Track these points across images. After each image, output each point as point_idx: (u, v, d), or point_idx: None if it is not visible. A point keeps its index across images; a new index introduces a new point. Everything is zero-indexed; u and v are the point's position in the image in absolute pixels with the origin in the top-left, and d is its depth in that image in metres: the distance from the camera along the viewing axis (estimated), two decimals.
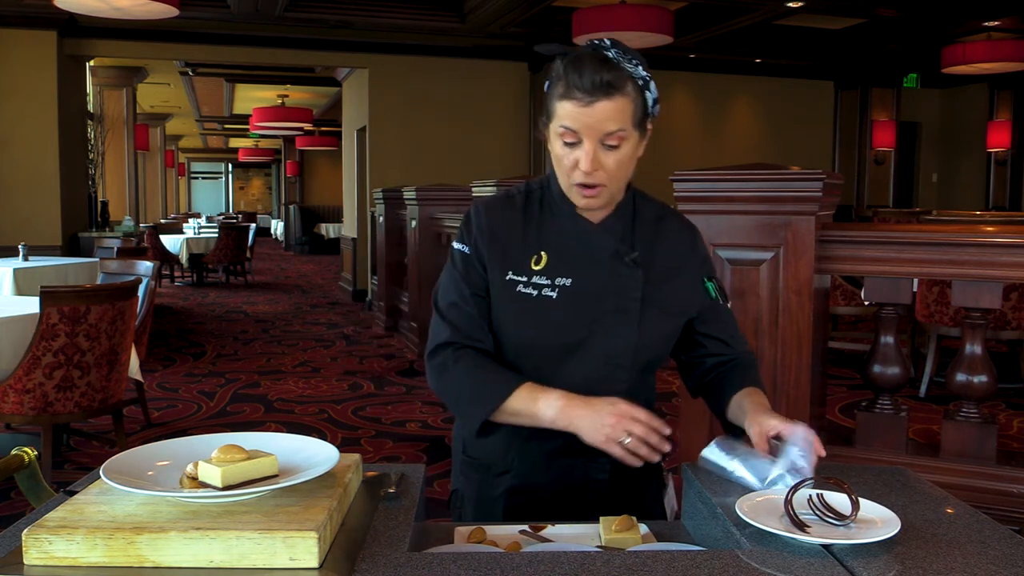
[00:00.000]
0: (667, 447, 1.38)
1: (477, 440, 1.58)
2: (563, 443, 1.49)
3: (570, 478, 1.55)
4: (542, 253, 1.52)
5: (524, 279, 1.50)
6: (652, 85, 1.47)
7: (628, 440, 1.36)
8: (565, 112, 1.42)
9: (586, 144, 1.42)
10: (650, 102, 1.47)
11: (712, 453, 1.41)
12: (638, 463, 1.38)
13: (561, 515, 1.50)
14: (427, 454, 4.37)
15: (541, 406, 1.43)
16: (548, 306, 1.49)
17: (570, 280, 1.50)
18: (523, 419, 1.46)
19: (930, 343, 5.35)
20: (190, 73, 12.42)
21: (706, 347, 1.61)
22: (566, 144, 1.44)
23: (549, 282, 1.50)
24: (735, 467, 1.37)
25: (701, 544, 1.31)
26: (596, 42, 1.45)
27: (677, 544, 1.28)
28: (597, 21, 6.90)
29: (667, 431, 1.39)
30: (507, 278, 1.51)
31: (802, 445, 1.33)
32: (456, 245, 1.57)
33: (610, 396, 1.49)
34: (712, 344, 1.60)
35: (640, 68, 1.44)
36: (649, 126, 1.49)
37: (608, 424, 1.37)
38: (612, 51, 1.43)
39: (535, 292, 1.50)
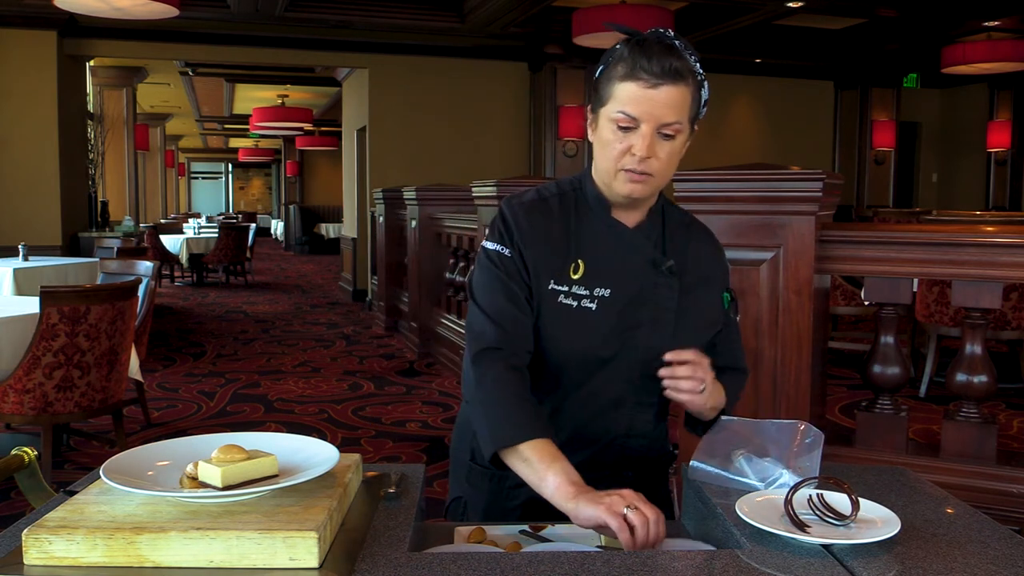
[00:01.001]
0: (662, 539, 1.19)
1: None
2: (590, 455, 1.46)
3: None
4: (579, 262, 1.47)
5: (565, 289, 1.46)
6: (706, 84, 1.45)
7: (629, 511, 1.18)
8: (627, 94, 1.38)
9: (644, 128, 1.38)
10: (702, 101, 1.45)
11: (701, 460, 1.40)
12: (632, 546, 1.17)
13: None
14: (427, 454, 4.37)
15: (549, 473, 1.29)
16: (588, 318, 1.45)
17: (608, 291, 1.46)
18: (525, 471, 1.33)
19: (930, 343, 5.35)
20: (190, 73, 12.42)
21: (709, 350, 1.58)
22: (620, 128, 1.40)
23: (588, 292, 1.46)
24: (733, 469, 1.36)
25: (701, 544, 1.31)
26: (661, 31, 1.42)
27: (685, 541, 1.28)
28: (597, 21, 6.91)
29: (662, 540, 1.20)
30: (549, 287, 1.46)
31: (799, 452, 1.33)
32: (493, 246, 1.49)
33: (643, 408, 1.51)
34: (714, 351, 1.57)
35: (698, 64, 1.43)
36: (695, 127, 1.47)
37: (613, 499, 1.20)
38: (677, 41, 1.41)
39: (575, 303, 1.45)
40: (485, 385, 1.41)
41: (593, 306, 1.45)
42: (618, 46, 1.42)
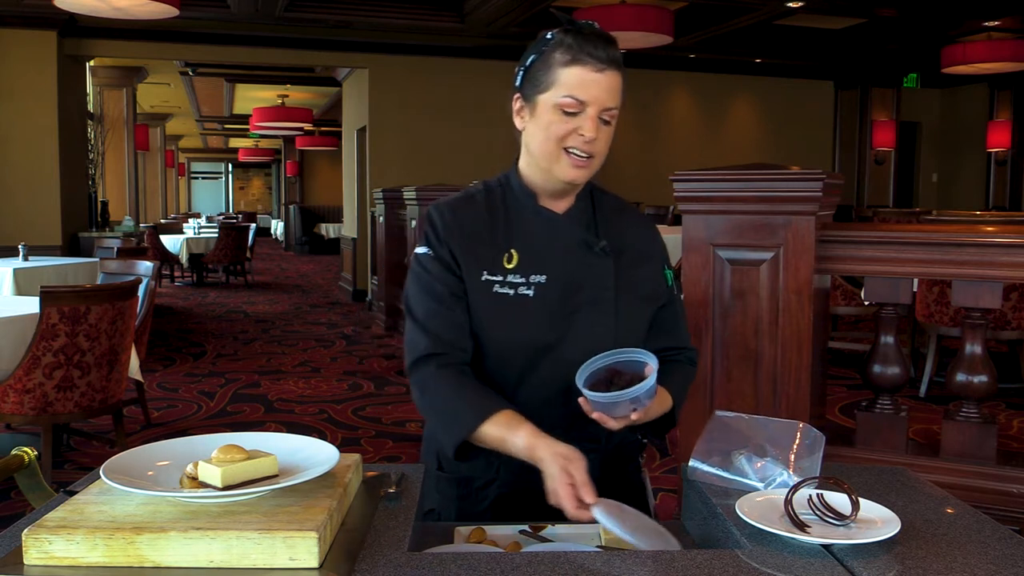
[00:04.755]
0: (585, 513, 1.27)
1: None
2: None
3: None
4: (512, 251, 1.49)
5: (499, 278, 1.47)
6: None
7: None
8: (574, 79, 1.41)
9: (590, 111, 1.41)
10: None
11: (701, 460, 1.40)
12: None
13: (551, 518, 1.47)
14: None
15: (519, 442, 1.36)
16: (526, 305, 1.46)
17: (544, 276, 1.47)
18: (495, 446, 1.40)
19: (930, 343, 5.35)
20: (190, 73, 12.42)
21: (650, 331, 1.58)
22: (565, 113, 1.42)
23: (524, 280, 1.47)
24: (733, 469, 1.36)
25: (701, 544, 1.31)
26: (589, 22, 1.47)
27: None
28: (597, 21, 6.89)
29: (589, 499, 1.26)
30: (483, 279, 1.48)
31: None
32: (422, 250, 1.52)
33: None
34: (656, 332, 1.58)
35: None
36: None
37: (553, 476, 1.29)
38: (611, 35, 1.47)
39: (511, 291, 1.47)
40: (428, 392, 1.46)
41: (531, 293, 1.46)
42: (551, 34, 1.45)
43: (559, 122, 1.43)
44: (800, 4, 8.02)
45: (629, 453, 1.65)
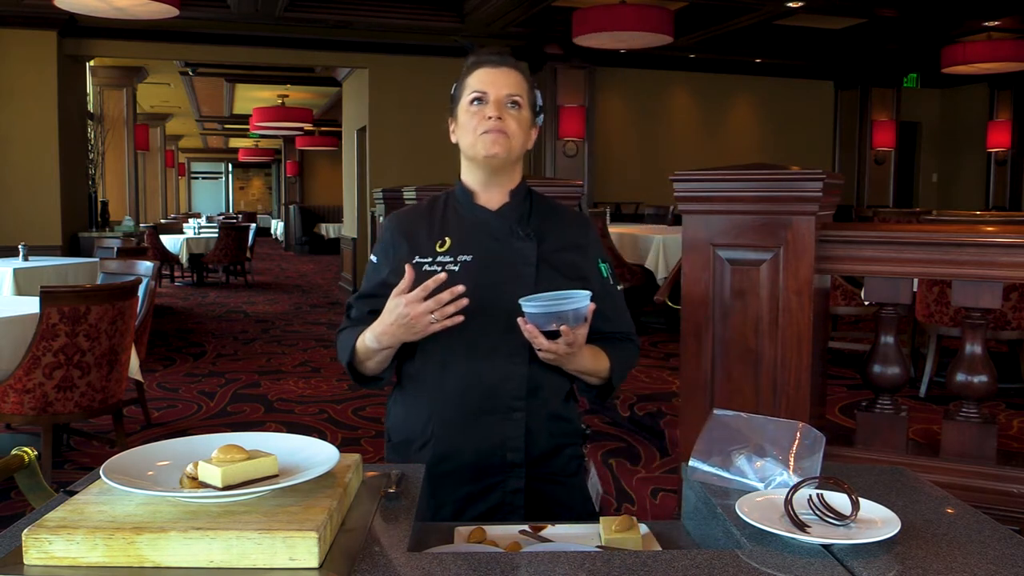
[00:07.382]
0: (464, 302, 1.51)
1: (394, 420, 1.83)
2: (479, 405, 1.65)
3: (489, 438, 1.66)
4: (446, 238, 1.70)
5: (429, 260, 1.68)
6: (538, 94, 1.77)
7: (435, 321, 1.52)
8: (476, 79, 1.70)
9: (493, 96, 1.66)
10: (537, 103, 1.75)
11: (700, 460, 1.40)
12: (460, 319, 1.52)
13: (482, 480, 1.64)
14: None
15: (368, 338, 1.63)
16: (450, 278, 1.58)
17: (471, 256, 1.67)
18: (371, 355, 1.66)
19: (930, 343, 5.34)
20: (190, 73, 12.42)
21: (592, 322, 1.68)
22: (474, 103, 1.68)
23: (452, 259, 1.67)
24: (733, 469, 1.36)
25: (701, 544, 1.31)
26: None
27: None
28: (597, 21, 6.91)
29: (459, 289, 1.50)
30: (414, 262, 1.65)
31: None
32: (372, 258, 1.79)
33: (515, 356, 1.64)
34: (598, 318, 1.66)
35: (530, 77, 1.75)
36: (537, 124, 1.76)
37: (412, 321, 1.52)
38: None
39: (439, 269, 1.64)
40: (339, 348, 1.77)
41: (456, 268, 1.66)
42: (467, 63, 1.76)
43: (473, 114, 1.67)
44: (800, 4, 8.03)
45: (568, 434, 1.76)
